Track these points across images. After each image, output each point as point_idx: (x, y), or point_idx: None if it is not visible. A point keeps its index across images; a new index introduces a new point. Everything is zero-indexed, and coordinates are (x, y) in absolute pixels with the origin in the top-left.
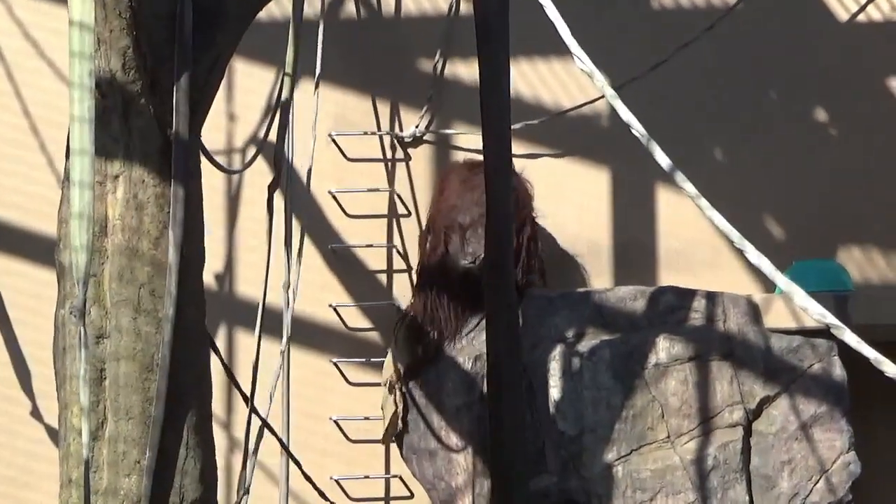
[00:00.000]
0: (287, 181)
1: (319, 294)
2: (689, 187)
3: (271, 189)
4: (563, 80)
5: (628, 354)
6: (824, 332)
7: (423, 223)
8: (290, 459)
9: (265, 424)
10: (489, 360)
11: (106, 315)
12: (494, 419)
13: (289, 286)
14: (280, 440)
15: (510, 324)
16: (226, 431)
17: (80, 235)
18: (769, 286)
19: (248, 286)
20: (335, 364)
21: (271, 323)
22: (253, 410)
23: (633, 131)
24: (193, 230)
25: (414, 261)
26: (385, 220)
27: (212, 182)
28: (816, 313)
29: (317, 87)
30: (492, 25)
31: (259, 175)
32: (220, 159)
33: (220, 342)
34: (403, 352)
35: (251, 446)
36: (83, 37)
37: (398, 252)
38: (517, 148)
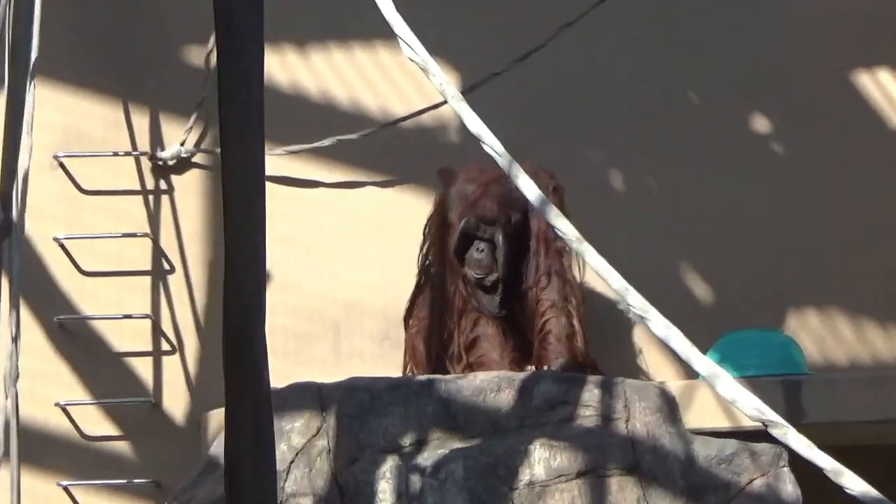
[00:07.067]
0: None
1: (42, 388)
2: (567, 226)
3: (1, 235)
4: (395, 77)
5: (490, 469)
6: (769, 434)
7: (191, 279)
8: None
9: None
10: (226, 468)
11: None
12: None
13: (16, 377)
14: None
15: (259, 420)
16: None
17: None
18: (692, 370)
19: None
20: (65, 488)
21: None
22: None
23: (485, 147)
24: None
25: (178, 333)
26: (136, 279)
27: None
28: (750, 407)
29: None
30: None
31: None
32: None
33: None
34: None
35: None
36: None
37: (153, 321)
38: (324, 173)
